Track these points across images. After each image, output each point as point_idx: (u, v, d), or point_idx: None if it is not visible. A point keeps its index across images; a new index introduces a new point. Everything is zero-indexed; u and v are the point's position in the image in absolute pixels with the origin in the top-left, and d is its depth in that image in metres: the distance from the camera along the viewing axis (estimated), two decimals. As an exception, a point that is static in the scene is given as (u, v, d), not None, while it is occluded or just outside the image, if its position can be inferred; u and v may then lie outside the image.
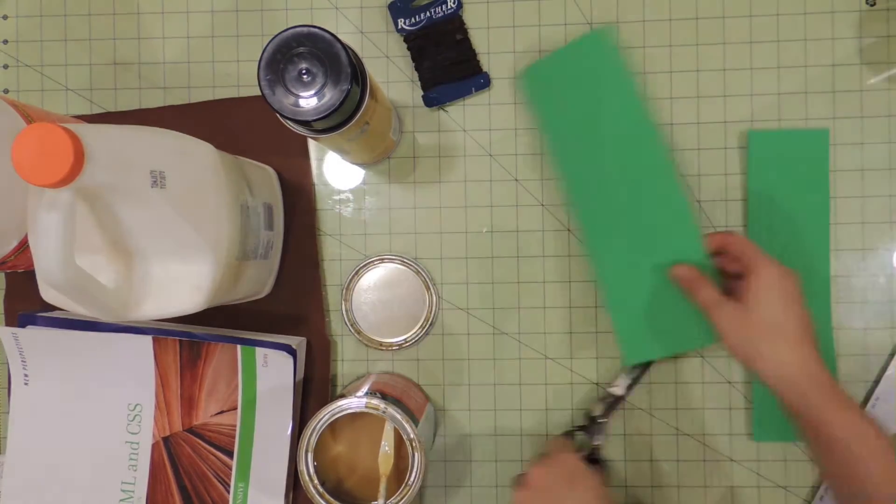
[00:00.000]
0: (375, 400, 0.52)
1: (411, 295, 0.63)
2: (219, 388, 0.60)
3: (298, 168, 0.64)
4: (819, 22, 0.62)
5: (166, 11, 0.65)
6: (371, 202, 0.64)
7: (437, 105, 0.63)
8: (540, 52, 0.63)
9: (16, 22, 0.66)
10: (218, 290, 0.50)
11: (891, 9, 0.62)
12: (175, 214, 0.47)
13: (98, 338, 0.59)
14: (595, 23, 0.63)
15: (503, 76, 0.63)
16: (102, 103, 0.65)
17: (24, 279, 0.64)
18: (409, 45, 0.63)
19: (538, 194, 0.63)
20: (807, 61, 0.62)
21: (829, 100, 0.62)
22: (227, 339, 0.59)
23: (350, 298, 0.63)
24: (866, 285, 0.62)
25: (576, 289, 0.63)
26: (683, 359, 0.63)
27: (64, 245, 0.41)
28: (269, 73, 0.45)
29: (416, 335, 0.63)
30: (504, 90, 0.63)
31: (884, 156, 0.62)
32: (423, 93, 0.63)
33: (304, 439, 0.52)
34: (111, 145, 0.43)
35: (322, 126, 0.47)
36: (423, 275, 0.63)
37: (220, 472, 0.60)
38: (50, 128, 0.40)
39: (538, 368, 0.63)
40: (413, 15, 0.62)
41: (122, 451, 0.61)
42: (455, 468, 0.64)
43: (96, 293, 0.45)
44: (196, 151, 0.49)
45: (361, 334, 0.63)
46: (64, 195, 0.41)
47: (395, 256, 0.63)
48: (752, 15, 0.63)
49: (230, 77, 0.65)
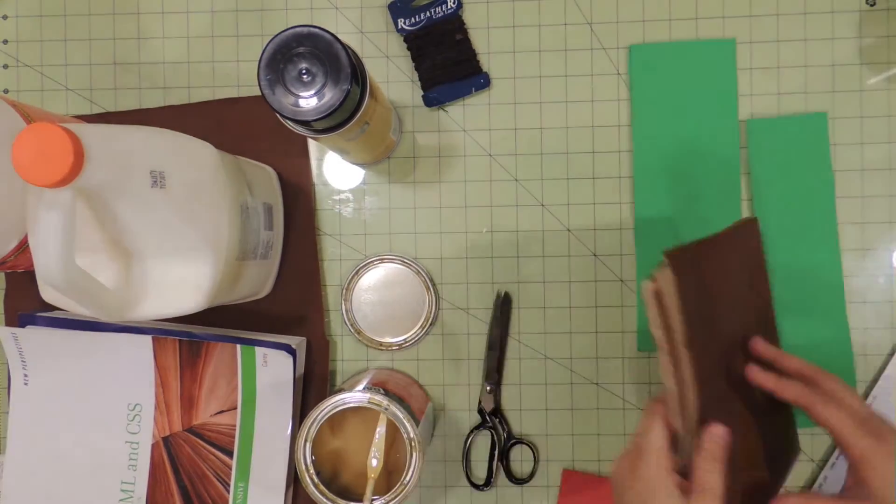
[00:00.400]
0: (378, 396, 0.52)
1: (411, 295, 0.63)
2: (218, 387, 0.60)
3: (298, 168, 0.64)
4: (819, 22, 0.62)
5: (166, 11, 0.65)
6: (371, 202, 0.64)
7: (437, 105, 0.63)
8: (540, 52, 0.63)
9: (16, 22, 0.66)
10: (218, 290, 0.50)
11: (891, 9, 0.62)
12: (175, 214, 0.47)
13: (98, 338, 0.59)
14: (595, 23, 0.63)
15: (503, 76, 0.63)
16: (102, 103, 0.65)
17: (24, 279, 0.64)
18: (409, 45, 0.63)
19: (538, 194, 0.63)
20: (807, 61, 0.62)
21: (829, 100, 0.62)
22: (227, 338, 0.59)
23: (350, 298, 0.63)
24: (866, 285, 0.62)
25: (576, 289, 0.63)
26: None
27: (64, 245, 0.41)
28: (269, 73, 0.45)
29: (416, 335, 0.63)
30: (504, 90, 0.64)
31: (884, 156, 0.62)
32: (423, 93, 0.63)
33: (303, 430, 0.52)
34: (111, 145, 0.43)
35: (322, 126, 0.47)
36: (423, 275, 0.63)
37: (219, 471, 0.60)
38: (50, 128, 0.40)
39: (538, 368, 0.63)
40: (413, 15, 0.62)
41: (122, 450, 0.61)
42: (455, 468, 0.64)
43: (96, 293, 0.45)
44: (196, 151, 0.50)
45: (361, 334, 0.63)
46: (64, 195, 0.41)
47: (395, 256, 0.63)
48: (752, 15, 0.63)
49: (230, 77, 0.65)
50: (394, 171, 0.64)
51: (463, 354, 0.64)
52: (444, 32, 0.62)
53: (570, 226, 0.63)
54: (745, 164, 0.62)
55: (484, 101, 0.64)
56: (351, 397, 0.52)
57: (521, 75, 0.63)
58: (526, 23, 0.63)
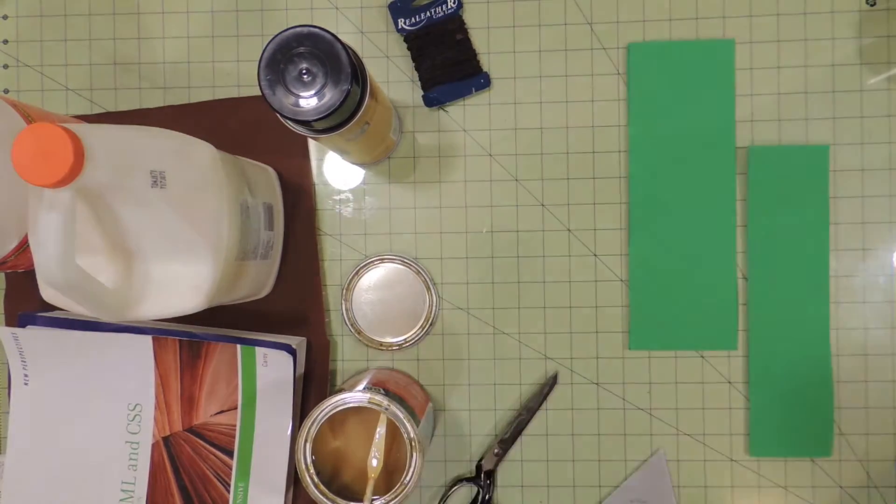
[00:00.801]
0: (378, 396, 0.52)
1: (411, 295, 0.63)
2: (219, 387, 0.60)
3: (298, 168, 0.64)
4: (819, 22, 0.62)
5: (166, 11, 0.65)
6: (371, 202, 0.64)
7: (438, 105, 0.63)
8: (540, 52, 0.63)
9: (16, 22, 0.66)
10: (218, 290, 0.50)
11: (891, 9, 0.62)
12: (175, 214, 0.47)
13: (98, 338, 0.59)
14: (595, 23, 0.63)
15: (503, 76, 0.64)
16: (102, 103, 0.65)
17: (24, 279, 0.64)
18: (409, 45, 0.63)
19: (538, 194, 0.63)
20: (807, 61, 0.62)
21: (829, 100, 0.62)
22: (227, 338, 0.59)
23: (350, 298, 0.63)
24: (866, 285, 0.62)
25: (576, 289, 0.63)
26: (683, 358, 0.63)
27: (64, 245, 0.41)
28: (270, 73, 0.45)
29: (416, 335, 0.63)
30: (504, 90, 0.64)
31: (884, 156, 0.62)
32: (423, 93, 0.63)
33: (303, 429, 0.52)
34: (111, 145, 0.43)
35: (322, 126, 0.47)
36: (423, 275, 0.63)
37: (220, 471, 0.60)
38: (50, 128, 0.40)
39: (538, 368, 0.63)
40: (413, 15, 0.62)
41: (122, 451, 0.61)
42: (455, 468, 0.64)
43: (96, 293, 0.45)
44: (196, 151, 0.49)
45: (361, 334, 0.63)
46: (64, 195, 0.41)
47: (395, 256, 0.63)
48: (752, 15, 0.63)
49: (230, 77, 0.65)
50: (394, 171, 0.64)
51: (463, 354, 0.64)
52: (444, 32, 0.62)
53: (571, 226, 0.63)
54: (741, 190, 0.62)
55: (484, 100, 0.64)
56: (351, 397, 0.52)
57: (521, 75, 0.63)
58: (526, 23, 0.63)
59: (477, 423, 0.64)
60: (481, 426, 0.64)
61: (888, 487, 0.62)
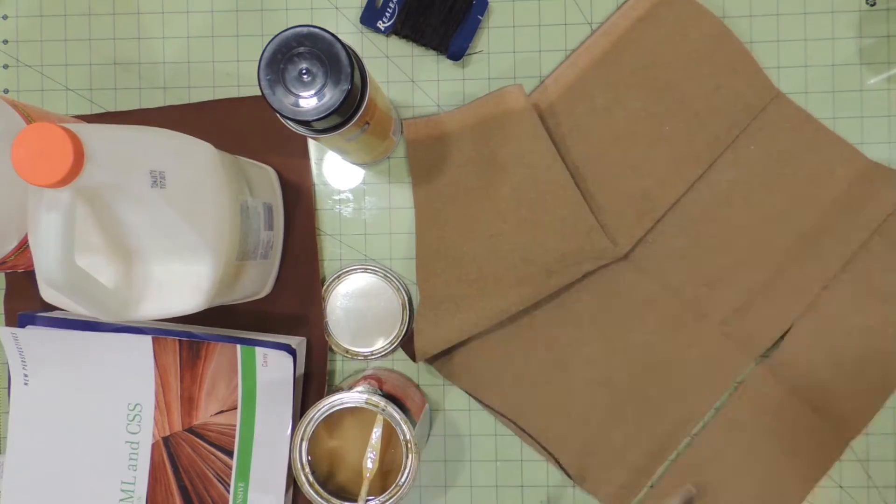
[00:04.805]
0: (376, 397, 0.52)
1: (387, 311, 0.62)
2: (218, 387, 0.60)
3: (298, 168, 0.64)
4: (819, 22, 0.62)
5: (166, 11, 0.65)
6: (371, 202, 0.64)
7: (464, 53, 0.62)
8: (540, 53, 0.63)
9: (16, 22, 0.66)
10: (218, 290, 0.50)
11: (891, 9, 0.62)
12: (175, 214, 0.47)
13: (98, 338, 0.59)
14: (595, 23, 0.63)
15: (504, 76, 0.64)
16: (102, 103, 0.65)
17: (24, 279, 0.64)
18: (401, 34, 0.62)
19: (538, 194, 0.63)
20: (807, 61, 0.62)
21: (829, 100, 0.62)
22: (227, 338, 0.59)
23: (327, 299, 0.63)
24: (866, 285, 0.62)
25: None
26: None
27: (64, 245, 0.41)
28: (270, 73, 0.45)
29: (384, 349, 0.62)
30: (504, 90, 0.64)
31: (884, 156, 0.62)
32: (446, 55, 0.62)
33: (300, 429, 0.52)
34: (111, 145, 0.43)
35: (322, 126, 0.47)
36: (402, 293, 0.62)
37: (220, 471, 0.60)
38: (50, 128, 0.40)
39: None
40: (382, 11, 0.62)
41: (122, 451, 0.61)
42: (455, 468, 0.64)
43: (96, 293, 0.45)
44: (196, 151, 0.50)
45: (331, 338, 0.63)
46: (64, 195, 0.41)
47: (379, 269, 0.62)
48: (752, 15, 0.63)
49: (230, 77, 0.65)
50: (394, 171, 0.64)
51: (463, 354, 0.64)
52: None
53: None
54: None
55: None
56: (348, 397, 0.52)
57: (521, 75, 0.63)
58: (526, 23, 0.63)
59: (477, 423, 0.64)
60: (481, 426, 0.64)
61: (888, 487, 0.62)
